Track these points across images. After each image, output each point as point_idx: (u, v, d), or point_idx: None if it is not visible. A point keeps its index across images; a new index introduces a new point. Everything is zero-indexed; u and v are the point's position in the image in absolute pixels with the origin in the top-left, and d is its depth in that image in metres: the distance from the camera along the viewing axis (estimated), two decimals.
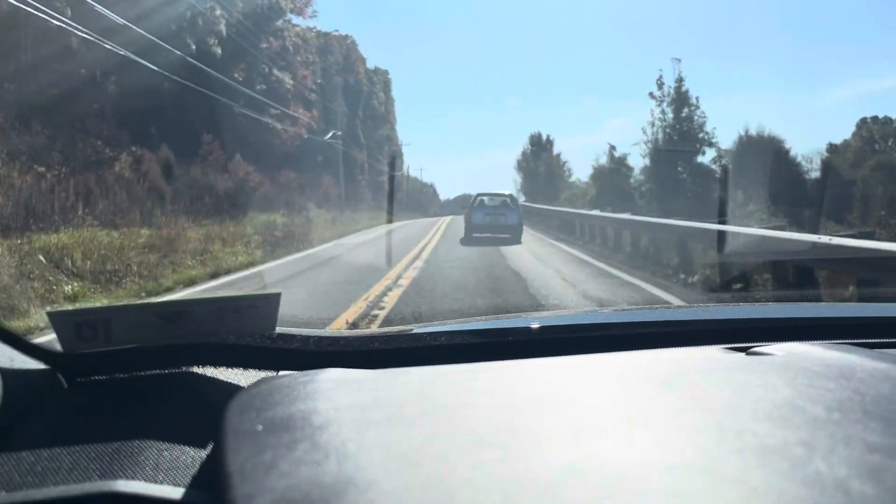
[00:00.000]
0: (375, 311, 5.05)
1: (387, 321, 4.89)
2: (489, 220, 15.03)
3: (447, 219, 22.98)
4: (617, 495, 0.42)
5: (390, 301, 5.39)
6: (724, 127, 40.61)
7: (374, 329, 1.09)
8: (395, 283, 6.52)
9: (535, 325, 1.00)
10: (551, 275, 7.49)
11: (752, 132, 21.01)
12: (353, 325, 4.58)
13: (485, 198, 16.38)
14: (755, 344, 0.87)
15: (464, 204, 18.20)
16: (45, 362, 0.74)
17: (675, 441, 0.50)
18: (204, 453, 0.68)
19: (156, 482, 0.66)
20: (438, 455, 0.49)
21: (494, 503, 0.42)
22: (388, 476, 0.46)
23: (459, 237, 12.78)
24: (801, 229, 7.30)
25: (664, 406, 0.60)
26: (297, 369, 0.79)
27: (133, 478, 0.65)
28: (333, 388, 0.67)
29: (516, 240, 13.52)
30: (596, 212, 14.53)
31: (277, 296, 0.80)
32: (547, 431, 0.53)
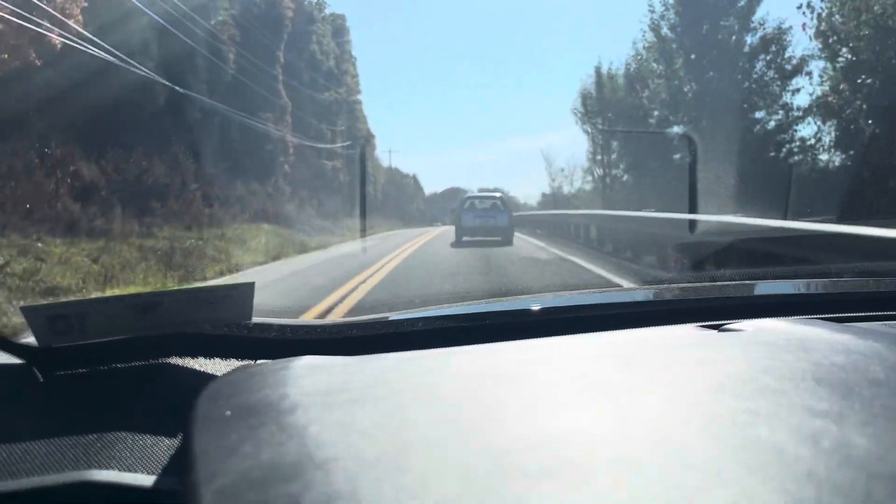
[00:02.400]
0: None
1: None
2: (479, 223, 17.72)
3: (409, 247, 16.36)
4: (563, 463, 0.53)
5: None
6: None
7: (352, 317, 1.20)
8: None
9: (510, 309, 1.21)
10: None
11: None
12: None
13: (475, 200, 19.11)
14: (729, 321, 1.03)
15: (455, 198, 18.01)
16: (20, 357, 0.86)
17: (626, 413, 0.63)
18: (176, 441, 0.80)
19: (130, 471, 0.76)
20: (397, 431, 0.61)
21: (446, 472, 0.52)
22: (346, 452, 0.55)
23: None
24: None
25: (622, 382, 0.73)
26: (275, 357, 0.95)
27: (107, 467, 0.75)
28: (304, 374, 0.81)
29: (507, 241, 16.60)
30: None
31: (252, 285, 0.94)
32: (505, 408, 0.66)
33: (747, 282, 2.00)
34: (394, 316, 1.17)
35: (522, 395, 0.70)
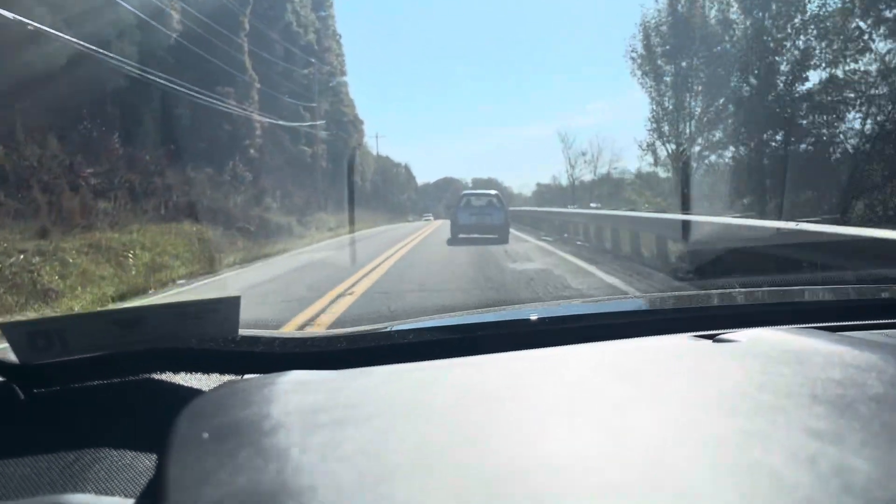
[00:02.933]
0: None
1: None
2: (475, 221, 19.57)
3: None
4: (555, 488, 0.58)
5: None
6: None
7: (343, 329, 1.33)
8: None
9: (503, 320, 1.36)
10: None
11: None
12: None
13: (471, 197, 21.18)
14: (723, 331, 1.17)
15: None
16: (1, 374, 0.92)
17: (620, 433, 0.69)
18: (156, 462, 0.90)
19: (108, 493, 0.85)
20: (381, 456, 0.67)
21: (430, 502, 0.56)
22: (325, 480, 0.61)
23: None
24: None
25: (615, 397, 0.82)
26: (263, 372, 1.07)
27: (85, 490, 0.85)
28: (289, 391, 0.91)
29: (503, 240, 17.98)
30: None
31: (238, 299, 1.07)
32: (494, 427, 0.73)
33: (740, 290, 2.14)
34: (384, 327, 1.30)
35: (512, 414, 0.77)
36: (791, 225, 7.99)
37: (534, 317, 1.35)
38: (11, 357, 1.00)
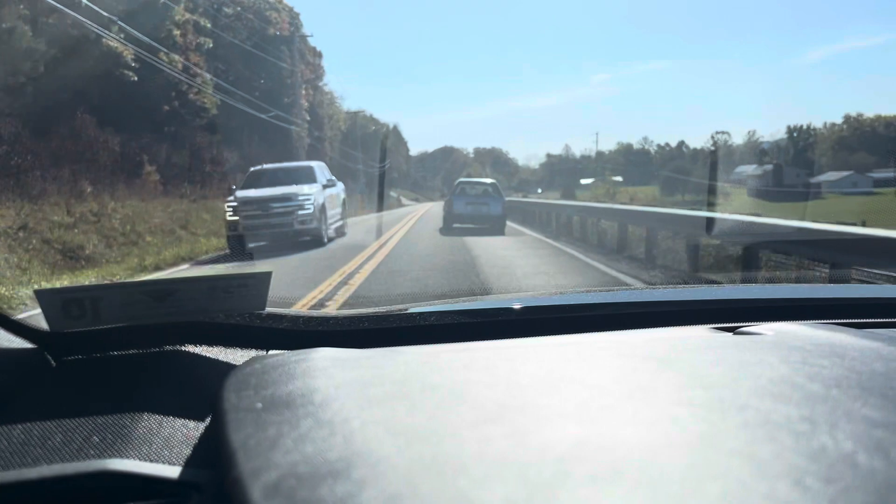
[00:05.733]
0: None
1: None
2: (471, 210, 19.51)
3: None
4: (627, 470, 0.58)
5: None
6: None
7: (364, 309, 1.35)
8: None
9: (524, 306, 1.35)
10: None
11: None
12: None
13: (465, 185, 21.61)
14: (742, 324, 1.18)
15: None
16: (32, 341, 0.97)
17: (679, 416, 0.70)
18: (195, 432, 0.92)
19: (147, 459, 0.87)
20: (444, 431, 0.68)
21: (506, 478, 0.57)
22: (397, 451, 0.63)
23: None
24: None
25: (665, 383, 0.84)
26: (287, 349, 1.08)
27: (125, 456, 0.87)
28: (329, 365, 0.93)
29: (498, 230, 17.92)
30: None
31: (268, 275, 1.09)
32: (552, 408, 0.74)
33: (755, 285, 2.15)
34: (404, 308, 1.32)
35: (565, 395, 0.78)
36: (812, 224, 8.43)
37: (555, 304, 1.38)
38: (43, 324, 1.01)
